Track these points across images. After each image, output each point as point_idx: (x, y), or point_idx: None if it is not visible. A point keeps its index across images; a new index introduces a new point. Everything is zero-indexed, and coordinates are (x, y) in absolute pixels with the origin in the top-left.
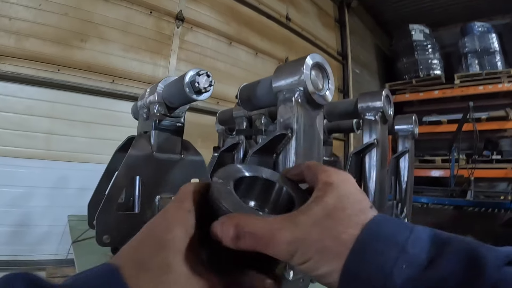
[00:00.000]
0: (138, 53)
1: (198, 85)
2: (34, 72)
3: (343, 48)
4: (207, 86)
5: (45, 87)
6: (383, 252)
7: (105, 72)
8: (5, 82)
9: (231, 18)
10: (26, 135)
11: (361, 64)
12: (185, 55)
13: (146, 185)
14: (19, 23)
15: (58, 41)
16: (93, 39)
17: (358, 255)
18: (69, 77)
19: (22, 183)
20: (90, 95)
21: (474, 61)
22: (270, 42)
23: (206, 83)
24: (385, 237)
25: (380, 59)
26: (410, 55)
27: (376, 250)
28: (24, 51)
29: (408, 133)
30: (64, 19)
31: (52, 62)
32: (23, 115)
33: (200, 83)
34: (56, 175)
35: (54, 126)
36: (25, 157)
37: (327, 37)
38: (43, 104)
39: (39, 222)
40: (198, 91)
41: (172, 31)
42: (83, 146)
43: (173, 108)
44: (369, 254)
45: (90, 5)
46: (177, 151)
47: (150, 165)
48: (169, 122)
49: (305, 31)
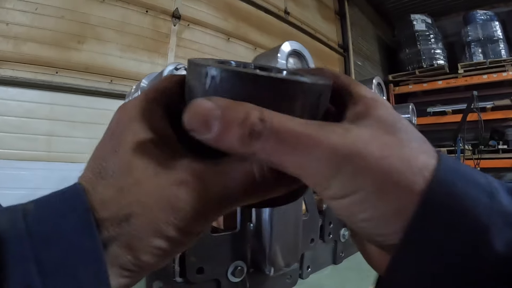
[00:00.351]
0: (135, 52)
1: None
2: (32, 76)
3: (344, 40)
4: None
5: (44, 90)
6: (475, 198)
7: (103, 72)
8: (5, 86)
9: (229, 14)
10: (27, 137)
11: (363, 56)
12: (182, 53)
13: None
14: (17, 27)
15: (55, 43)
16: (90, 41)
17: (441, 191)
18: (67, 79)
19: (25, 185)
20: (89, 96)
21: (478, 50)
22: (269, 36)
23: None
24: (470, 176)
25: (383, 50)
26: (412, 46)
27: (465, 192)
28: (22, 55)
29: None
30: (60, 22)
31: (50, 65)
32: (24, 118)
33: None
34: (58, 176)
35: (54, 128)
36: (27, 160)
37: (328, 29)
38: (42, 107)
39: None
40: None
41: (169, 29)
42: (84, 146)
43: None
44: (456, 194)
45: (86, 7)
46: None
47: None
48: None
49: (304, 25)
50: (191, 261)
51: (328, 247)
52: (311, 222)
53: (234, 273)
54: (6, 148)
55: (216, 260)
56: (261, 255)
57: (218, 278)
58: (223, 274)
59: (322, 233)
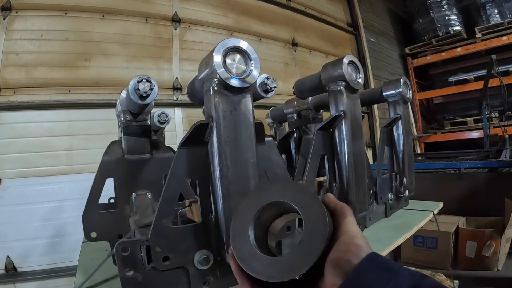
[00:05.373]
0: (140, 61)
1: (139, 91)
2: (47, 97)
3: (353, 18)
4: (148, 90)
5: (59, 109)
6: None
7: (112, 85)
8: (23, 111)
9: (228, 9)
10: (50, 154)
11: (376, 32)
12: (187, 55)
13: (122, 185)
14: (26, 55)
15: (64, 64)
16: (96, 57)
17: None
18: (80, 95)
19: (53, 198)
20: (102, 109)
21: (494, 11)
22: (273, 25)
23: (147, 87)
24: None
25: (396, 24)
26: (426, 15)
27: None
28: (35, 80)
29: (398, 98)
30: (66, 44)
31: (62, 85)
32: (44, 137)
33: (140, 89)
34: (81, 187)
35: (73, 142)
36: (52, 175)
37: (334, 10)
38: (60, 125)
39: (72, 231)
40: (141, 96)
41: (170, 33)
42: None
43: (136, 113)
44: None
45: (88, 26)
46: (147, 151)
47: (123, 167)
48: (135, 126)
49: (309, 9)
50: (156, 251)
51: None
52: None
53: (200, 261)
54: (32, 167)
55: (180, 249)
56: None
57: (185, 266)
58: (189, 262)
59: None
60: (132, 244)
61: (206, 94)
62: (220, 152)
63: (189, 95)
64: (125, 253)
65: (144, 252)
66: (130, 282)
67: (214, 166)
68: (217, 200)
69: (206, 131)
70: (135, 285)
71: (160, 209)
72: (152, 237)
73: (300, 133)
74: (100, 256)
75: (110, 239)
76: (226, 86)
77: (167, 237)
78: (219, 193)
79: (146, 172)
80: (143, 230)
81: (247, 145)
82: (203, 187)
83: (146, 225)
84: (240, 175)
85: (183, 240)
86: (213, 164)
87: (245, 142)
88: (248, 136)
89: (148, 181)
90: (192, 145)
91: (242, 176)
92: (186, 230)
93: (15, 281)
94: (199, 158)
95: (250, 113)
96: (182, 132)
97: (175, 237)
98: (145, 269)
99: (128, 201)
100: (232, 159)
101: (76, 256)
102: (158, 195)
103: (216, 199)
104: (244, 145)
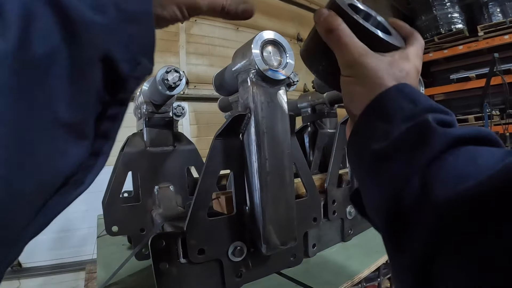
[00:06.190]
0: None
1: (168, 82)
2: None
3: None
4: (177, 81)
5: None
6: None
7: None
8: None
9: None
10: None
11: None
12: (193, 48)
13: (144, 178)
14: None
15: None
16: None
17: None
18: None
19: None
20: None
21: (496, 10)
22: (279, 20)
23: (176, 78)
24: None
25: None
26: (428, 12)
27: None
28: None
29: None
30: None
31: None
32: None
33: (169, 79)
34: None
35: None
36: None
37: None
38: None
39: (79, 226)
40: (170, 87)
41: (177, 27)
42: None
43: (159, 105)
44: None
45: None
46: (169, 143)
47: (145, 159)
48: (158, 118)
49: (313, 4)
50: (191, 243)
51: (335, 225)
52: (311, 202)
53: (234, 252)
54: None
55: (215, 241)
56: (257, 235)
57: (219, 258)
58: (224, 254)
59: (326, 212)
60: (168, 237)
61: (242, 85)
62: (258, 143)
63: (216, 85)
64: (160, 247)
65: (180, 245)
66: (165, 276)
67: (251, 157)
68: (253, 191)
69: (243, 122)
70: (170, 279)
71: (196, 201)
72: (188, 229)
73: (314, 127)
74: (119, 250)
75: (131, 233)
76: (264, 78)
77: (202, 229)
78: (256, 184)
79: (168, 164)
80: (172, 223)
81: (283, 136)
82: (238, 179)
83: (174, 217)
84: (277, 166)
85: (218, 232)
86: (249, 155)
87: (281, 133)
88: (284, 128)
89: (171, 173)
90: (228, 136)
91: (279, 167)
92: (221, 222)
93: (20, 277)
94: (234, 149)
95: (285, 105)
96: (189, 126)
97: (211, 229)
98: (180, 262)
99: (151, 194)
100: (269, 150)
101: (83, 251)
102: (181, 188)
103: (252, 190)
104: (281, 136)
